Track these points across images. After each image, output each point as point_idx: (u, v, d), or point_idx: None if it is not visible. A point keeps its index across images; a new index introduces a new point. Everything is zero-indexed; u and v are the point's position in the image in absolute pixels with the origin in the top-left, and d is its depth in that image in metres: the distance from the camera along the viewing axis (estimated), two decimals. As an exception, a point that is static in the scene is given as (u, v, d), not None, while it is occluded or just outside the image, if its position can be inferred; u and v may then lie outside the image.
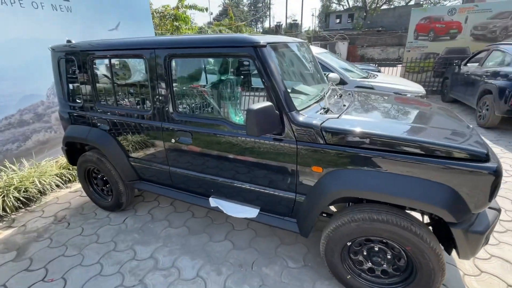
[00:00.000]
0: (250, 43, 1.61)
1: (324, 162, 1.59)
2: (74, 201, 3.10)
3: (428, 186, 1.35)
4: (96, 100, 2.39)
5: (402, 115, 1.94)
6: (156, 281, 1.98)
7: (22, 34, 3.12)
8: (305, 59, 2.42)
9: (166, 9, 11.72)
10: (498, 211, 1.52)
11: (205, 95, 2.16)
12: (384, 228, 1.49)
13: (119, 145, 2.41)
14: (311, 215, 1.70)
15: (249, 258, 2.17)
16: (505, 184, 3.12)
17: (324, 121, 1.60)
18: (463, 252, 1.42)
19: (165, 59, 1.90)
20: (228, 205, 2.09)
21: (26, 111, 3.26)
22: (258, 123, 1.46)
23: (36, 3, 3.23)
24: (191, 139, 1.99)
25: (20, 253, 2.32)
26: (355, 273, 1.75)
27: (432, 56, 8.18)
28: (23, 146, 3.27)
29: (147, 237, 2.44)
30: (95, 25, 3.97)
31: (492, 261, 2.05)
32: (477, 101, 5.30)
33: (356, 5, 38.16)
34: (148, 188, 2.48)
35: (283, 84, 1.63)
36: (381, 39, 24.25)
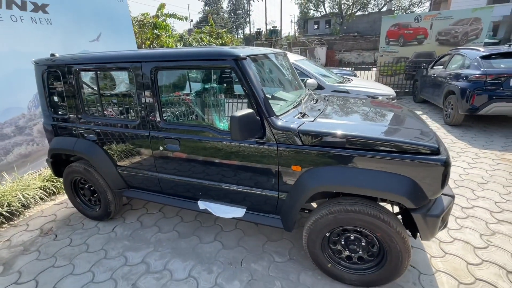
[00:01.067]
0: (231, 56, 1.77)
1: (302, 162, 1.76)
2: (60, 213, 3.09)
3: (389, 178, 1.56)
4: (82, 111, 2.44)
5: (370, 117, 2.17)
6: (149, 284, 2.05)
7: (1, 47, 3.10)
8: (283, 67, 2.62)
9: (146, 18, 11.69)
10: (452, 197, 1.75)
11: (190, 104, 2.28)
12: (357, 217, 1.68)
13: (107, 155, 2.47)
14: (293, 210, 1.86)
15: (238, 256, 2.29)
16: (468, 175, 3.45)
17: (301, 125, 1.78)
18: (424, 234, 1.63)
19: (151, 71, 2.01)
20: (216, 206, 2.21)
21: (7, 125, 3.22)
22: (241, 129, 1.61)
23: (15, 16, 3.22)
24: (178, 146, 2.11)
25: (7, 267, 2.30)
26: (335, 262, 1.92)
27: (403, 60, 8.74)
28: (4, 160, 3.22)
29: (138, 243, 2.50)
30: (76, 36, 3.99)
31: (455, 244, 2.30)
32: (443, 101, 5.75)
33: (333, 12, 39.68)
34: (137, 196, 2.55)
35: (262, 92, 1.80)
36: (357, 43, 25.35)
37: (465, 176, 3.44)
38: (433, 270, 2.04)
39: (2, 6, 3.11)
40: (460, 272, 2.01)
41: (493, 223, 2.53)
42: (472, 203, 2.86)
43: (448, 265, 2.08)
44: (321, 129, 1.71)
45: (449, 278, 1.96)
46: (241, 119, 1.60)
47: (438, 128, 5.41)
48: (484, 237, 2.35)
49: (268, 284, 1.99)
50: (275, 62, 2.48)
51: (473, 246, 2.26)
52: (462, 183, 3.26)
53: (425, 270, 2.04)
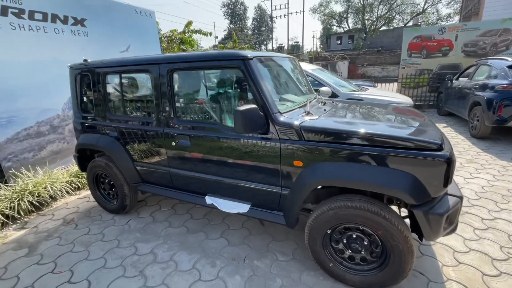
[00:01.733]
0: (239, 57, 1.90)
1: (303, 157, 1.80)
2: (82, 206, 3.32)
3: (389, 173, 1.55)
4: (106, 110, 2.68)
5: (374, 116, 2.17)
6: (155, 272, 2.14)
7: (44, 56, 3.52)
8: (292, 71, 2.71)
9: (173, 34, 12.54)
10: (460, 198, 1.69)
11: (201, 103, 2.43)
12: (358, 213, 1.67)
13: (126, 150, 2.67)
14: (295, 206, 1.89)
15: (242, 253, 2.32)
16: (492, 187, 3.24)
17: (303, 122, 1.83)
18: (426, 232, 1.58)
19: (167, 72, 2.20)
20: (222, 202, 2.28)
21: (43, 124, 3.59)
22: (244, 122, 1.70)
23: (58, 29, 3.66)
24: (189, 142, 2.24)
25: (31, 249, 2.52)
26: (337, 261, 1.90)
27: (427, 72, 8.50)
28: (38, 156, 3.56)
29: (148, 236, 2.63)
30: (109, 47, 4.41)
31: (471, 254, 2.16)
32: (468, 112, 5.49)
33: (356, 27, 39.68)
34: (151, 190, 2.70)
35: (267, 90, 1.89)
36: (381, 58, 25.01)
37: (488, 188, 3.23)
38: (444, 279, 1.93)
39: (48, 20, 3.56)
40: (474, 282, 1.88)
41: (516, 236, 2.35)
42: (494, 215, 2.68)
43: (461, 274, 1.96)
44: (321, 125, 1.76)
45: (461, 287, 1.85)
46: (244, 113, 1.69)
47: (463, 140, 5.15)
48: (505, 250, 2.19)
49: (268, 281, 2.00)
50: (284, 66, 2.59)
51: (491, 257, 2.11)
52: (485, 195, 3.07)
53: (435, 278, 1.94)
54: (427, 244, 2.31)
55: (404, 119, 2.09)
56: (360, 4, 37.34)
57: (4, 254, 2.47)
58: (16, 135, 3.32)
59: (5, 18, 3.11)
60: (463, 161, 4.10)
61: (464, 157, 4.25)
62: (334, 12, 41.56)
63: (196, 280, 2.04)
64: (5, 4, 3.09)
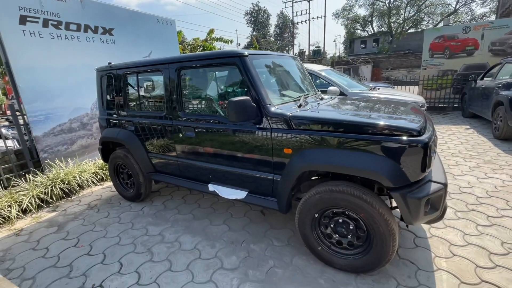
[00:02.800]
0: (236, 54, 2.11)
1: (292, 145, 1.94)
2: (105, 194, 3.69)
3: (369, 157, 1.64)
4: (125, 106, 3.02)
5: (363, 108, 2.25)
6: (161, 250, 2.37)
7: (77, 61, 4.01)
8: (293, 70, 2.87)
9: (196, 41, 13.19)
10: (443, 185, 1.72)
11: (205, 97, 2.66)
12: (341, 197, 1.77)
13: (141, 142, 2.97)
14: (285, 191, 2.02)
15: (241, 237, 2.48)
16: (506, 187, 3.11)
17: (293, 112, 1.98)
18: (405, 215, 1.64)
19: (176, 70, 2.46)
20: (223, 189, 2.47)
21: (75, 121, 4.05)
22: (237, 112, 1.89)
23: (89, 37, 4.15)
24: (194, 133, 2.47)
25: (60, 228, 2.88)
26: (325, 245, 1.99)
27: (450, 73, 8.16)
28: (70, 149, 4.02)
29: (159, 220, 2.88)
30: (133, 53, 4.86)
31: (468, 248, 2.14)
32: (492, 113, 5.23)
33: (381, 30, 38.63)
34: (162, 178, 2.97)
35: (260, 84, 2.07)
36: (406, 61, 24.10)
37: (502, 187, 3.10)
38: (434, 268, 1.95)
39: (81, 30, 4.05)
40: (465, 273, 1.88)
41: (522, 233, 2.27)
42: (502, 213, 2.59)
43: (453, 265, 1.96)
44: (307, 115, 1.89)
45: (451, 276, 1.86)
46: (237, 103, 1.88)
47: (485, 142, 4.91)
48: (506, 245, 2.14)
49: (261, 262, 2.14)
50: (285, 64, 2.75)
51: (489, 251, 2.08)
52: (497, 194, 2.96)
53: (425, 267, 1.96)
54: (423, 236, 2.32)
55: (392, 110, 2.16)
56: (386, 6, 36.34)
57: (38, 230, 2.85)
58: (51, 130, 3.79)
59: (46, 29, 3.62)
60: (480, 161, 3.94)
61: (483, 158, 4.07)
62: (358, 16, 40.84)
63: (195, 258, 2.23)
64: (46, 17, 3.60)
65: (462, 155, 4.25)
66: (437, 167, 1.96)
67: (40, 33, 3.58)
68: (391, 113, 2.02)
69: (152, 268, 2.14)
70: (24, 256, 2.42)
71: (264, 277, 1.98)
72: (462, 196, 2.96)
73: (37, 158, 3.76)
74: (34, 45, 3.52)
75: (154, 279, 2.02)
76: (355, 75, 23.97)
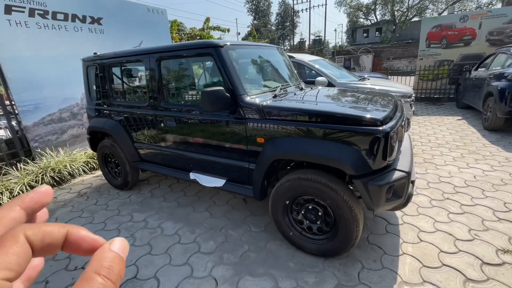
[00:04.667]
0: (211, 45, 2.13)
1: (264, 134, 2.00)
2: (95, 183, 3.79)
3: (332, 146, 1.70)
4: (111, 96, 3.06)
5: (335, 98, 2.29)
6: (143, 235, 2.47)
7: (65, 51, 4.03)
8: (275, 60, 2.88)
9: (193, 31, 13.06)
10: (406, 173, 1.78)
11: (184, 88, 2.70)
12: (308, 184, 1.84)
13: (126, 132, 3.03)
14: (259, 179, 2.09)
15: (220, 224, 2.58)
16: (485, 177, 3.17)
17: (266, 102, 2.03)
18: (366, 201, 1.71)
19: (156, 61, 2.49)
20: (203, 177, 2.54)
21: (65, 111, 4.11)
22: (210, 102, 1.94)
23: (77, 27, 4.15)
24: (174, 123, 2.53)
25: (49, 214, 2.97)
26: (297, 231, 2.08)
27: (447, 63, 8.08)
28: (60, 138, 4.09)
29: (144, 208, 2.98)
30: (123, 43, 4.85)
31: (436, 234, 2.22)
32: (483, 104, 5.23)
33: (384, 19, 37.83)
34: (147, 167, 3.04)
35: (235, 74, 2.10)
36: (408, 51, 23.72)
37: (481, 177, 3.16)
38: (400, 253, 2.03)
39: (69, 20, 4.05)
40: (429, 257, 1.96)
41: (491, 221, 2.35)
42: (476, 202, 2.66)
43: (418, 250, 2.04)
44: (278, 105, 1.94)
45: (414, 260, 1.94)
46: (210, 94, 1.92)
47: (473, 132, 4.93)
48: (472, 232, 2.22)
49: (237, 246, 2.24)
50: (266, 55, 2.77)
51: (455, 237, 2.16)
52: (474, 183, 3.02)
53: (391, 252, 2.05)
54: (395, 223, 2.40)
55: (362, 100, 2.20)
56: (389, -6, 35.45)
57: (28, 216, 2.96)
58: (41, 120, 3.86)
59: (32, 19, 3.63)
60: (465, 152, 3.98)
61: (468, 149, 4.12)
62: (361, 4, 39.89)
63: (175, 243, 2.33)
64: (32, 7, 3.60)
65: (449, 146, 4.29)
66: (405, 156, 2.01)
67: (27, 22, 3.59)
68: (360, 103, 2.06)
69: (133, 252, 2.25)
70: (13, 240, 2.53)
71: (238, 260, 2.08)
72: (440, 185, 3.03)
73: (28, 147, 3.84)
74: (21, 35, 3.54)
75: (133, 262, 2.13)
76: (356, 65, 23.72)
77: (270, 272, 1.93)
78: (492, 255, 1.95)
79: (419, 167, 3.53)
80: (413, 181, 1.96)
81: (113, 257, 0.24)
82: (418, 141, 4.63)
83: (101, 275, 0.22)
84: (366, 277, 1.83)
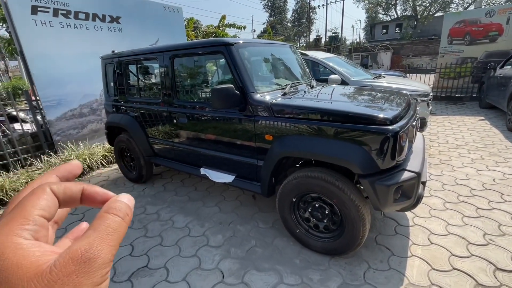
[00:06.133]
0: (222, 43, 2.17)
1: (273, 131, 2.02)
2: (112, 176, 3.95)
3: (342, 145, 1.70)
4: (127, 93, 3.18)
5: (347, 97, 2.26)
6: (155, 227, 2.57)
7: (86, 49, 4.21)
8: (286, 57, 2.88)
9: (209, 28, 13.22)
10: (417, 174, 1.74)
11: (196, 87, 2.76)
12: (315, 183, 1.85)
13: (141, 127, 3.14)
14: (267, 176, 2.12)
15: (229, 219, 2.63)
16: (506, 180, 3.03)
17: (275, 100, 2.04)
18: (373, 201, 1.69)
19: (170, 58, 2.56)
20: (213, 173, 2.60)
21: (85, 106, 4.30)
22: (219, 99, 1.98)
23: (97, 26, 4.32)
24: (186, 119, 2.60)
25: (69, 204, 3.15)
26: (304, 228, 2.09)
27: (470, 60, 7.71)
28: (81, 132, 4.30)
29: (157, 201, 3.09)
30: (140, 41, 5.00)
31: (448, 237, 2.16)
32: (507, 103, 4.97)
33: (405, 14, 36.44)
34: (160, 162, 3.14)
35: (245, 72, 2.13)
36: (430, 47, 22.78)
37: (501, 181, 3.03)
38: (408, 254, 2.00)
39: (89, 19, 4.22)
40: (439, 260, 1.92)
41: (508, 226, 2.25)
42: (494, 206, 2.55)
43: (428, 253, 2.00)
44: (287, 103, 1.95)
45: (423, 263, 1.91)
46: (219, 91, 1.96)
47: (496, 134, 4.70)
48: (487, 237, 2.14)
49: (244, 241, 2.28)
50: (278, 53, 2.78)
51: (468, 241, 2.09)
52: (493, 187, 2.90)
53: (400, 253, 2.02)
54: (405, 225, 2.35)
55: (374, 98, 2.16)
56: (411, -12, 34.10)
57: (50, 206, 3.14)
58: (63, 115, 4.07)
59: (56, 19, 3.82)
60: (485, 154, 3.81)
61: (489, 150, 3.94)
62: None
63: (185, 235, 2.41)
64: (56, 7, 3.79)
65: (468, 147, 4.12)
66: (417, 156, 1.97)
67: (51, 22, 3.78)
68: (370, 101, 2.03)
69: (145, 243, 2.35)
70: (37, 227, 2.71)
71: (244, 254, 2.12)
72: (456, 187, 2.93)
73: (51, 140, 4.07)
74: (45, 34, 3.74)
75: (145, 252, 2.22)
76: (374, 63, 23.05)
77: (275, 267, 1.96)
78: (507, 261, 1.88)
79: (434, 169, 3.42)
80: (424, 182, 1.92)
81: (120, 202, 0.29)
82: (435, 141, 4.48)
83: (111, 213, 0.27)
84: (372, 277, 1.82)
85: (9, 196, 3.18)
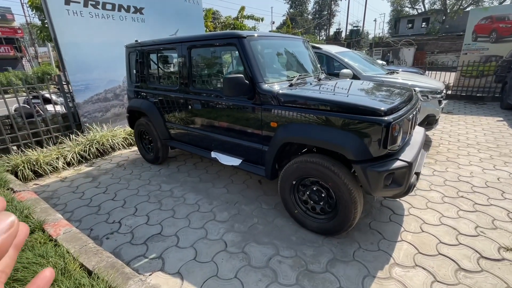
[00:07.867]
0: (235, 36, 2.35)
1: (277, 119, 2.19)
2: (132, 156, 4.29)
3: (336, 132, 1.85)
4: (148, 80, 3.45)
5: (348, 90, 2.38)
6: (168, 202, 2.85)
7: (111, 38, 4.51)
8: (297, 51, 3.02)
9: (227, 20, 13.36)
10: (408, 164, 1.86)
11: (210, 76, 2.97)
12: (313, 167, 2.02)
13: (159, 112, 3.41)
14: (271, 159, 2.31)
15: (235, 199, 2.86)
16: (510, 179, 3.05)
17: (281, 90, 2.21)
18: (364, 185, 1.84)
19: (187, 49, 2.78)
20: (222, 156, 2.83)
21: (109, 91, 4.64)
22: (230, 87, 2.17)
23: (122, 17, 4.61)
24: (200, 106, 2.82)
25: (94, 179, 3.50)
26: (302, 209, 2.28)
27: (495, 59, 7.42)
28: (105, 116, 4.66)
29: (171, 180, 3.37)
30: (161, 31, 5.25)
31: (440, 227, 2.27)
32: (527, 105, 4.83)
33: (433, 8, 34.67)
34: (175, 145, 3.41)
35: (255, 63, 2.30)
36: (457, 44, 21.67)
37: (505, 180, 3.05)
38: (398, 239, 2.14)
39: (116, 9, 4.51)
40: (426, 246, 2.05)
41: (502, 221, 2.33)
42: (492, 202, 2.62)
43: (417, 239, 2.13)
44: (291, 92, 2.11)
45: (410, 247, 2.05)
46: (230, 80, 2.16)
47: (512, 135, 4.61)
48: (479, 229, 2.23)
49: (247, 218, 2.50)
50: (289, 46, 2.92)
51: (459, 232, 2.20)
52: (495, 185, 2.93)
53: (390, 238, 2.16)
54: (399, 214, 2.48)
55: (375, 91, 2.28)
56: (442, -20, 32.30)
57: (78, 179, 3.51)
58: (90, 99, 4.42)
59: (86, 9, 4.13)
60: (496, 154, 3.80)
61: (499, 151, 3.91)
62: (408, -9, 36.85)
63: (195, 211, 2.67)
64: (87, -2, 4.09)
65: (478, 147, 4.10)
66: (412, 148, 2.08)
67: (81, 12, 4.09)
68: (370, 94, 2.16)
69: (159, 214, 2.62)
70: (66, 196, 3.07)
71: (247, 230, 2.34)
72: (457, 184, 2.99)
73: (79, 121, 4.45)
74: (76, 23, 4.06)
75: (159, 222, 2.50)
76: (395, 58, 22.31)
77: (273, 242, 2.17)
78: (493, 251, 1.98)
79: (439, 165, 3.47)
80: (418, 173, 2.04)
81: None
82: (446, 139, 4.47)
83: None
84: (360, 256, 1.99)
85: (43, 169, 3.57)
